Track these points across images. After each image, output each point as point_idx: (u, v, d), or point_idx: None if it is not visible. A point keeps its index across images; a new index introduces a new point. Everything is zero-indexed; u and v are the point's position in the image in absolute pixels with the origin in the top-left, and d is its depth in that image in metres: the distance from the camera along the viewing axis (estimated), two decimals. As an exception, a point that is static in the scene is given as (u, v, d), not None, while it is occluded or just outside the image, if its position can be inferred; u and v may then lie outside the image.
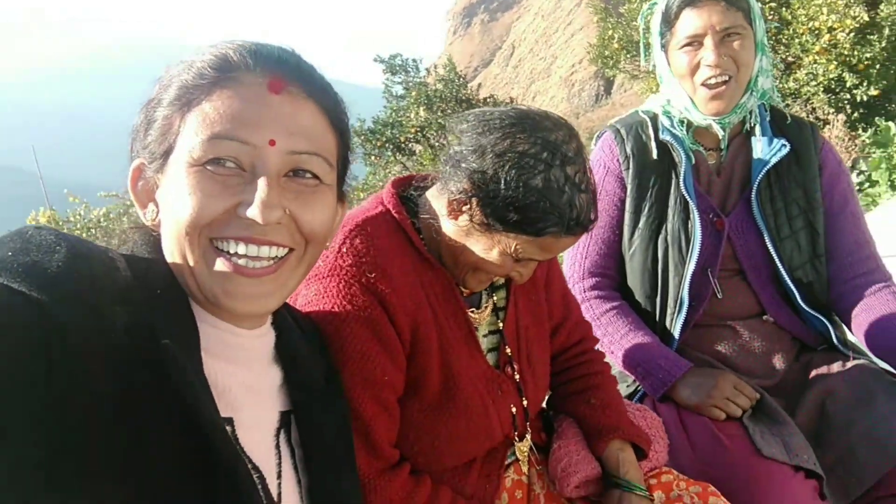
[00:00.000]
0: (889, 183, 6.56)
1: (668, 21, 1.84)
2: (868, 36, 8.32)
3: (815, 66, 8.52)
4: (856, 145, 7.68)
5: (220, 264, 0.86)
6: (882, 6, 8.28)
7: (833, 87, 8.71)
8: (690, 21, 1.79)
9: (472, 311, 1.43)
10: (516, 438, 1.45)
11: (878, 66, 8.42)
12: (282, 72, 0.90)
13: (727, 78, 1.78)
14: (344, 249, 1.25)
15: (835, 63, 8.39)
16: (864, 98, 8.47)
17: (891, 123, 7.18)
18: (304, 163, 0.91)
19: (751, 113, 1.92)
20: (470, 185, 1.21)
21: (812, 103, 8.75)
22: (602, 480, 1.48)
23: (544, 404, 1.66)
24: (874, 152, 7.03)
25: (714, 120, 1.85)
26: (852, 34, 8.18)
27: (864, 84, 8.47)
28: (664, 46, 1.90)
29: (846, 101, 8.81)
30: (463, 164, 1.22)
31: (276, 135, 0.87)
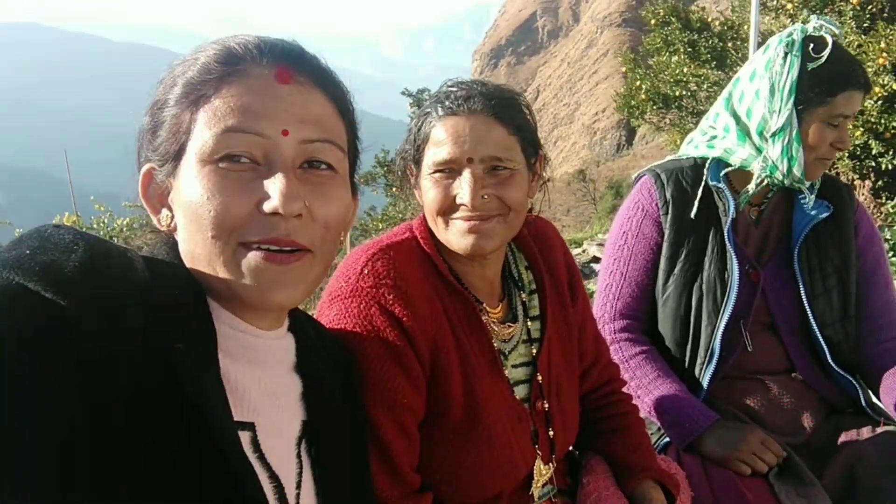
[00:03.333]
0: (914, 254, 6.50)
1: (832, 91, 1.78)
2: (894, 105, 8.32)
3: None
4: (881, 213, 7.64)
5: (252, 257, 0.85)
6: (911, 76, 8.29)
7: (858, 153, 8.69)
8: (849, 104, 1.79)
9: (500, 327, 1.43)
10: (539, 464, 1.43)
11: (904, 136, 8.40)
12: (288, 61, 0.90)
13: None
14: (366, 272, 1.26)
15: (861, 129, 8.37)
16: (889, 167, 8.43)
17: (918, 194, 7.14)
18: (317, 151, 0.91)
19: None
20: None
21: (837, 168, 8.74)
22: None
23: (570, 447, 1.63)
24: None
25: (806, 185, 1.86)
26: (880, 102, 8.18)
27: (890, 153, 8.43)
28: (803, 106, 1.80)
29: (871, 169, 8.79)
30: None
31: (289, 124, 0.87)
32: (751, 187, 1.88)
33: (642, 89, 11.23)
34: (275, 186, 0.84)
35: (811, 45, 1.78)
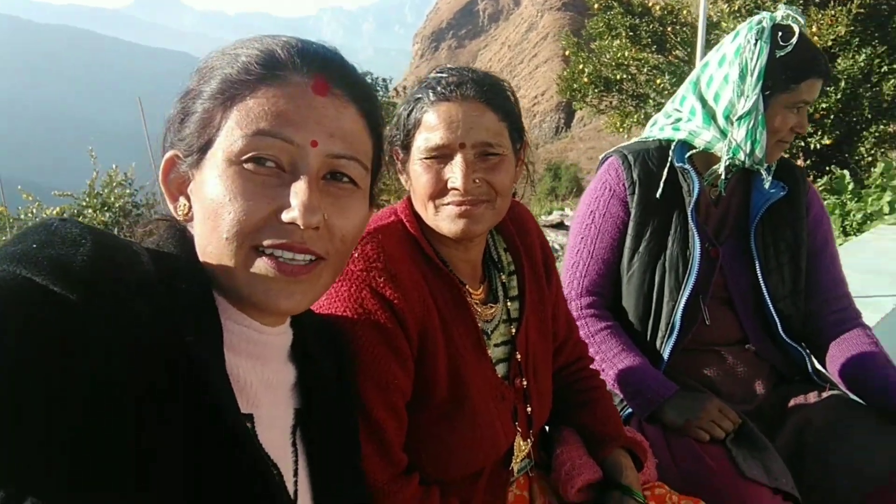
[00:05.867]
0: (841, 229, 6.85)
1: (797, 79, 1.85)
2: (825, 87, 8.66)
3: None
4: (811, 191, 7.97)
5: (262, 265, 0.85)
6: (839, 60, 8.68)
7: (789, 133, 9.05)
8: (810, 91, 1.86)
9: (483, 308, 1.47)
10: (519, 440, 1.48)
11: (832, 117, 8.78)
12: (327, 73, 0.90)
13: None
14: (355, 255, 1.27)
15: (792, 111, 8.71)
16: (818, 146, 8.83)
17: (846, 172, 7.51)
18: (342, 167, 0.90)
19: None
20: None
21: (768, 148, 9.09)
22: (602, 485, 1.52)
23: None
24: (827, 199, 7.33)
25: (764, 167, 1.94)
26: (809, 85, 8.51)
27: (819, 133, 8.83)
28: (770, 92, 1.87)
29: (800, 149, 9.18)
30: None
31: (319, 136, 0.87)
32: (720, 169, 1.95)
33: (584, 72, 11.41)
34: (296, 197, 0.84)
35: (779, 34, 1.86)
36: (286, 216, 0.84)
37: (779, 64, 1.85)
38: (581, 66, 11.46)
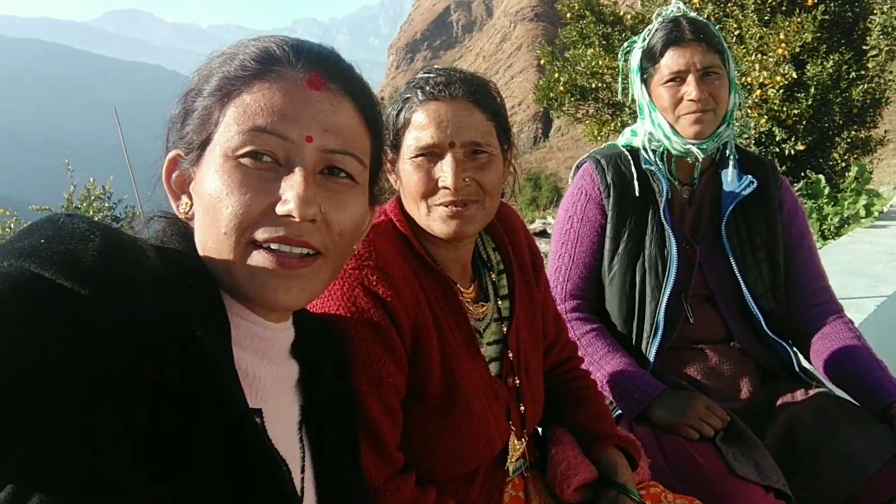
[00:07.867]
0: (819, 233, 6.92)
1: (653, 58, 1.96)
2: (796, 93, 8.80)
3: (746, 119, 8.94)
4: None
5: (260, 258, 0.85)
6: (808, 66, 8.81)
7: (763, 140, 9.15)
8: (675, 59, 1.92)
9: (475, 307, 1.47)
10: (513, 439, 1.48)
11: (804, 123, 8.90)
12: (322, 68, 0.91)
13: (707, 110, 1.92)
14: None
15: (765, 117, 8.83)
16: (792, 152, 8.93)
17: (821, 176, 7.61)
18: (337, 161, 0.91)
19: (726, 144, 2.05)
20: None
21: (744, 154, 9.22)
22: (598, 485, 1.52)
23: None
24: (804, 203, 7.43)
25: (693, 144, 1.95)
26: (781, 91, 8.63)
27: (793, 139, 8.94)
28: (646, 81, 2.01)
29: (775, 155, 9.29)
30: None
31: (313, 131, 0.88)
32: (663, 166, 2.03)
33: (560, 81, 11.47)
34: (291, 190, 0.85)
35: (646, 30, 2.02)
36: (281, 209, 0.84)
37: (643, 53, 2.00)
38: (556, 75, 11.51)
